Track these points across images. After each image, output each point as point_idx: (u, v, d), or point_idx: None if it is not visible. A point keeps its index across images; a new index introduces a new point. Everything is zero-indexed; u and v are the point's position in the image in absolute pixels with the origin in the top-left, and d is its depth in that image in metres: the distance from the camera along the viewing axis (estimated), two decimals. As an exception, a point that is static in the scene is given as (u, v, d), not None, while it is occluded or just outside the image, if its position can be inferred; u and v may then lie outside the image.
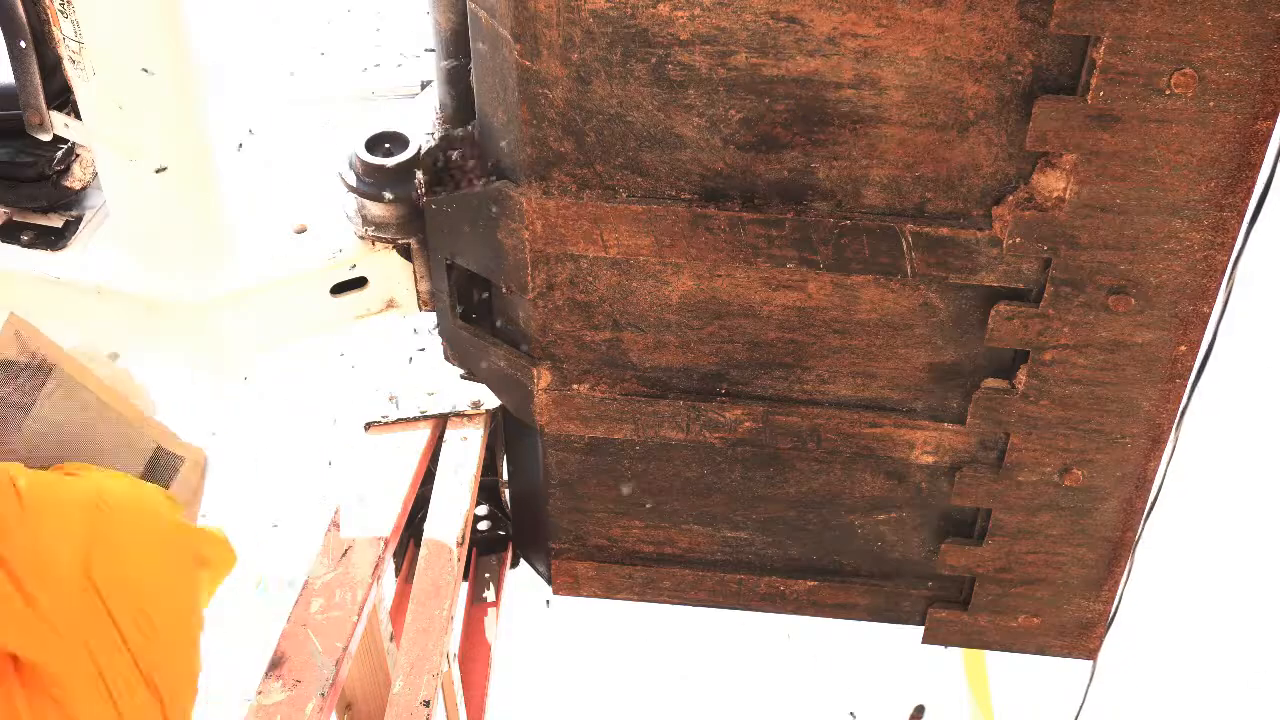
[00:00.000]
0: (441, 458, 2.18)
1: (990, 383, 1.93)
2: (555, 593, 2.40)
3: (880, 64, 1.63)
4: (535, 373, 2.03)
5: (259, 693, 1.84)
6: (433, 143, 1.91)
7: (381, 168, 1.92)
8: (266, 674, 1.86)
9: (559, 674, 4.15)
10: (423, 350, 2.46)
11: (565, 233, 1.84)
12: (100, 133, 1.79)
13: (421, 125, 1.97)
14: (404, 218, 1.97)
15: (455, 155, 1.92)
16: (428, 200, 1.92)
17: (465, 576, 2.44)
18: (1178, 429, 1.97)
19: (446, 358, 2.21)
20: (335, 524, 2.06)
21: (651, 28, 1.63)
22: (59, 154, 1.94)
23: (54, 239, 1.97)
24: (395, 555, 2.37)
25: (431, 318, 2.19)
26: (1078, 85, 1.61)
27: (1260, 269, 2.05)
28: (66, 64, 1.74)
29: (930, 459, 2.04)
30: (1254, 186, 1.68)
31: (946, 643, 2.37)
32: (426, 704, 1.84)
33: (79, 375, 1.54)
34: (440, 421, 2.22)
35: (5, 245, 1.96)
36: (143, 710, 1.37)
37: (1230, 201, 1.67)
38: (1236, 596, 4.41)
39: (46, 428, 1.50)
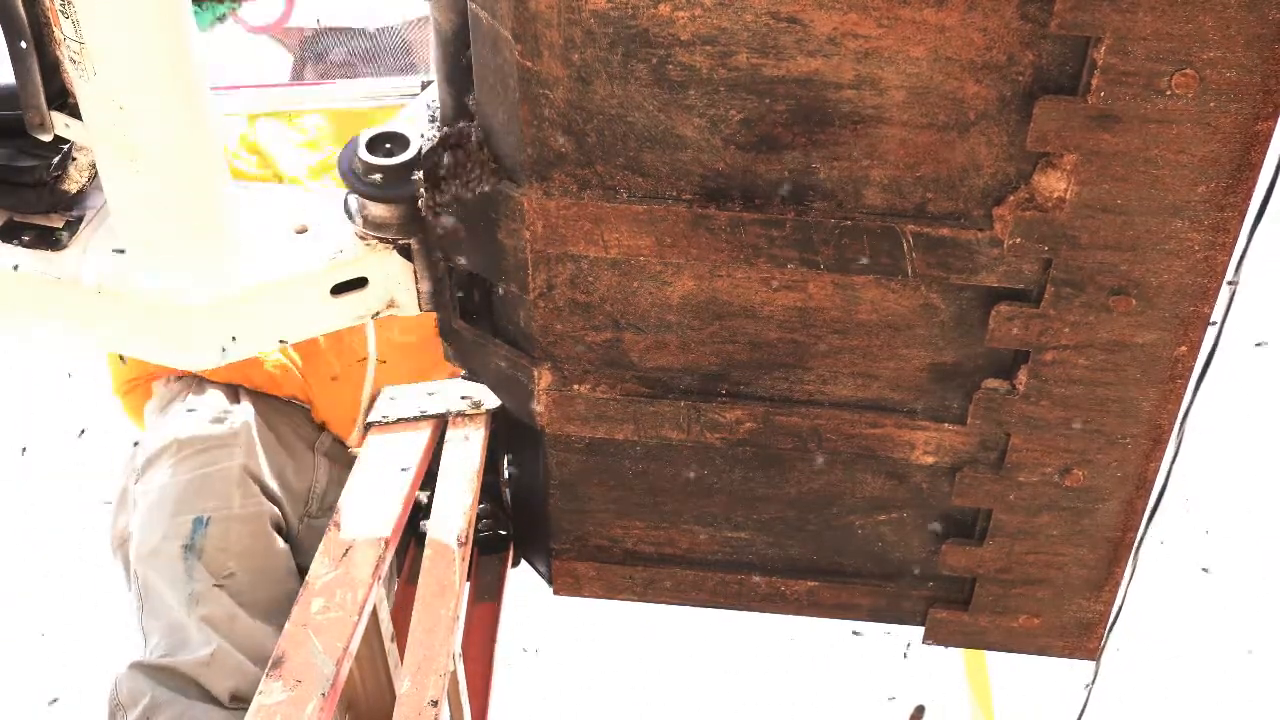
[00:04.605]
0: (442, 458, 2.18)
1: (991, 383, 1.93)
2: (556, 593, 2.40)
3: (881, 64, 1.63)
4: (536, 373, 2.03)
5: (260, 692, 1.83)
6: (433, 143, 1.91)
7: (382, 168, 1.92)
8: (267, 674, 1.86)
9: (561, 674, 4.15)
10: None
11: (566, 233, 1.84)
12: (101, 133, 1.79)
13: (422, 125, 1.97)
14: (404, 218, 1.97)
15: (456, 155, 1.92)
16: (428, 200, 1.91)
17: (468, 576, 2.44)
18: (1180, 429, 1.97)
19: (446, 358, 2.21)
20: (335, 524, 2.06)
21: (652, 28, 1.63)
22: (55, 160, 1.93)
23: (54, 239, 1.97)
24: (396, 556, 2.36)
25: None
26: (1079, 86, 1.60)
27: (1261, 269, 2.05)
28: (67, 64, 1.74)
29: (931, 459, 2.04)
30: (1254, 187, 1.68)
31: (947, 643, 2.37)
32: (435, 704, 1.84)
33: None
34: (440, 421, 2.22)
35: (5, 245, 1.96)
36: None
37: (1231, 202, 1.67)
38: (1237, 598, 4.41)
39: None
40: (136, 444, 2.35)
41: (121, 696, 1.99)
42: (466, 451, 2.17)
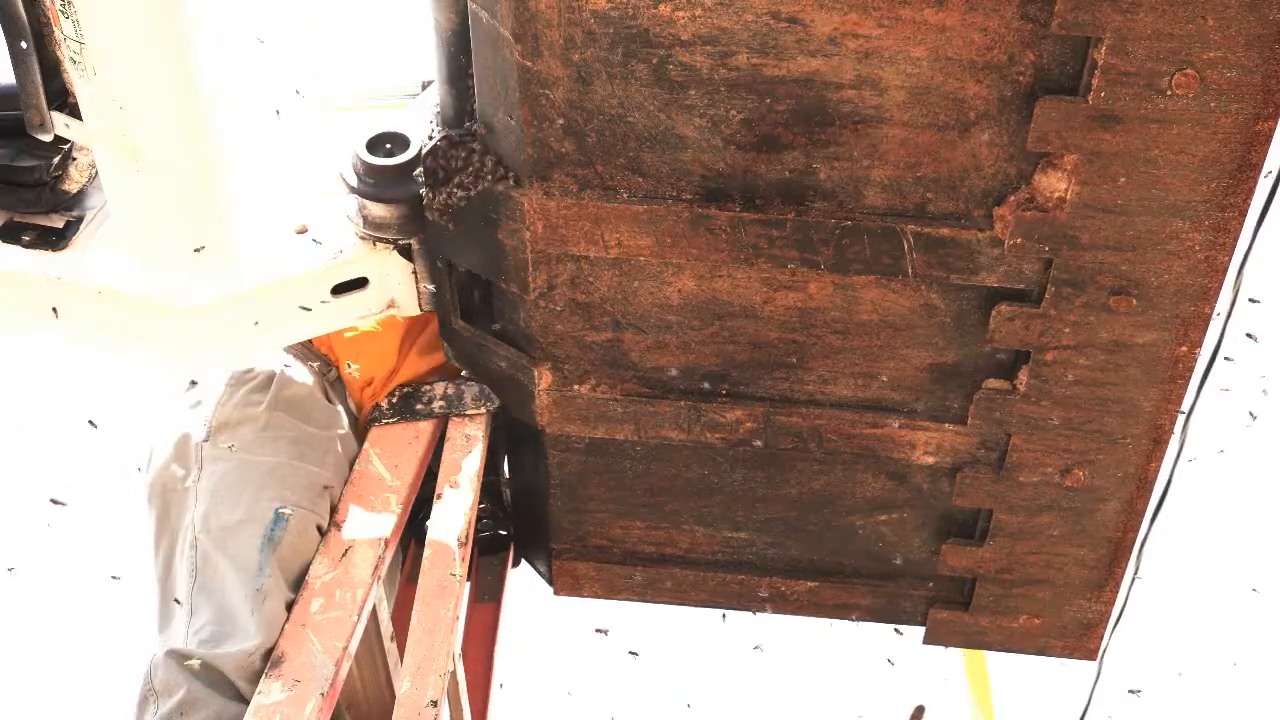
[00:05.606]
0: (443, 458, 2.18)
1: (991, 383, 1.93)
2: (556, 593, 2.40)
3: (881, 64, 1.63)
4: (536, 373, 2.03)
5: (259, 693, 1.84)
6: (433, 143, 1.91)
7: (382, 168, 1.92)
8: (266, 674, 1.86)
9: (561, 674, 4.15)
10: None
11: (566, 233, 1.84)
12: (101, 133, 1.79)
13: (422, 125, 1.97)
14: (404, 218, 1.97)
15: (456, 156, 1.92)
16: (429, 201, 1.91)
17: (468, 576, 2.44)
18: (1183, 429, 1.97)
19: (447, 358, 2.21)
20: (336, 524, 2.06)
21: (652, 28, 1.63)
22: (56, 159, 1.93)
23: (54, 239, 1.97)
24: (396, 555, 2.36)
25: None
26: (1079, 86, 1.60)
27: (1262, 269, 2.04)
28: (67, 64, 1.74)
29: (931, 459, 2.04)
30: (1254, 187, 1.67)
31: (947, 643, 2.37)
32: (434, 704, 1.84)
33: None
34: (440, 421, 2.22)
35: (6, 245, 1.96)
36: None
37: (1231, 202, 1.67)
38: (1237, 598, 4.41)
39: None
40: (194, 384, 2.24)
41: (156, 683, 1.95)
42: (466, 451, 2.17)
